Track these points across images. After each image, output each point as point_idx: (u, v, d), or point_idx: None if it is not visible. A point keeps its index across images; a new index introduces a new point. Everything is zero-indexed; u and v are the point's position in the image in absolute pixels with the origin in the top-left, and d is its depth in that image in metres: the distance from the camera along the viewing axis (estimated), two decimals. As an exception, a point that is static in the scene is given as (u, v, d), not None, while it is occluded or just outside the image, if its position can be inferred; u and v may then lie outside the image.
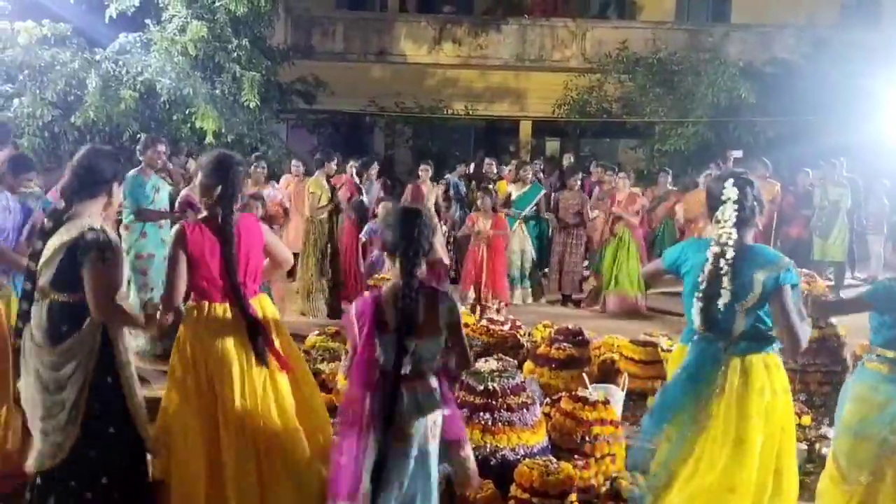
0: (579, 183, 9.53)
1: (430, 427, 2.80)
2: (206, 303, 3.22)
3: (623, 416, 4.79)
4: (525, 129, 17.58)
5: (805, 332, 2.98)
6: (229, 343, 3.18)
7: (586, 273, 9.78)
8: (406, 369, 2.72)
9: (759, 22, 16.10)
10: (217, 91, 10.70)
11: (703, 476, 2.97)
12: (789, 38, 15.12)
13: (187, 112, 10.21)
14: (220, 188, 3.21)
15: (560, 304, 9.16)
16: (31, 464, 3.04)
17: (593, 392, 4.49)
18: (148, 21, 10.37)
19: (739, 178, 3.03)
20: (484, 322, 6.32)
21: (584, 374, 5.13)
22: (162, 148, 6.25)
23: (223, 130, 10.46)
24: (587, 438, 4.12)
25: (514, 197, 9.12)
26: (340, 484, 2.76)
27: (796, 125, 13.28)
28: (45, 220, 3.05)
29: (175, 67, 9.98)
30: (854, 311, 3.71)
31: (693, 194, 8.86)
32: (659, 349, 5.69)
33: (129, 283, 5.89)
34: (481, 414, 4.00)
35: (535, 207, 9.13)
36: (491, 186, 8.87)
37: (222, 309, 3.22)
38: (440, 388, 2.85)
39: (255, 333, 3.20)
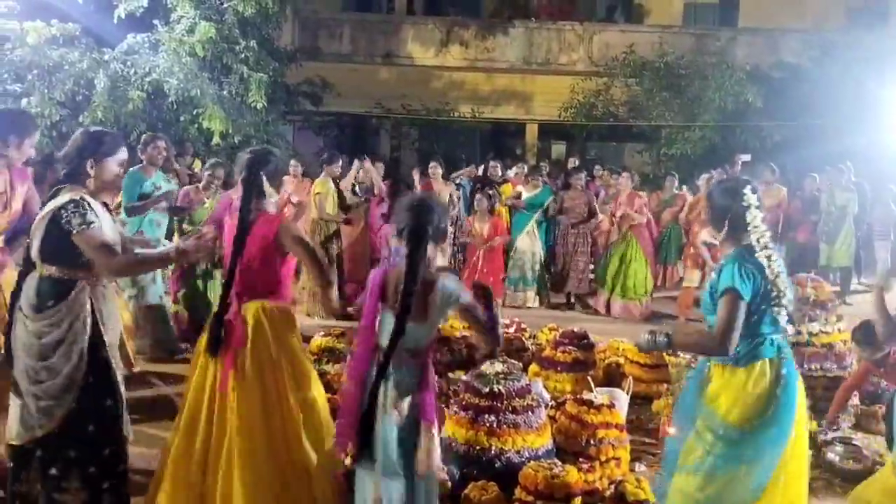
0: (583, 182, 9.54)
1: (397, 403, 2.84)
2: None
3: (628, 419, 4.78)
4: (531, 132, 17.59)
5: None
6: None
7: (592, 276, 9.77)
8: (398, 347, 2.80)
9: (767, 26, 16.09)
10: (224, 92, 10.75)
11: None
12: (796, 43, 15.11)
13: (195, 113, 10.25)
14: (244, 174, 3.29)
15: (565, 305, 9.16)
16: (17, 432, 3.08)
17: (598, 395, 4.49)
18: (156, 22, 10.42)
19: (754, 187, 3.03)
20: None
21: (589, 378, 5.13)
22: (162, 144, 6.22)
23: (230, 131, 10.49)
24: (592, 442, 4.12)
25: (524, 197, 9.16)
26: (338, 438, 2.96)
27: (803, 129, 13.26)
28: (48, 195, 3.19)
29: (183, 68, 10.02)
30: None
31: (697, 197, 8.89)
32: (664, 353, 5.68)
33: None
34: (486, 416, 4.00)
35: (543, 210, 9.15)
36: (492, 191, 8.86)
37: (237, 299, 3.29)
38: (424, 372, 2.91)
39: (217, 330, 3.22)
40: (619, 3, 18.77)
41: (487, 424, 3.98)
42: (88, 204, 3.05)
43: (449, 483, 3.72)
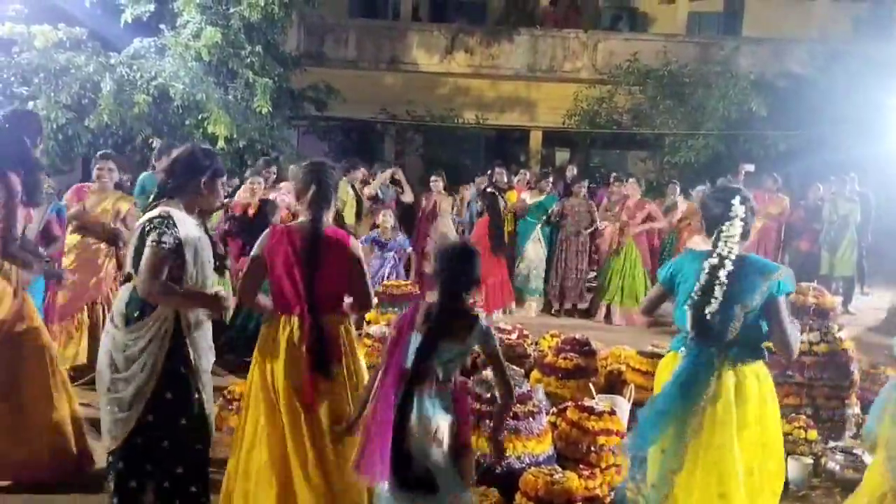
0: (584, 190, 9.55)
1: (434, 431, 2.84)
2: (282, 316, 3.17)
3: (629, 426, 4.78)
4: (535, 139, 17.61)
5: (797, 339, 3.13)
6: (295, 357, 3.13)
7: (594, 284, 9.78)
8: (425, 372, 2.83)
9: (771, 35, 16.10)
10: (230, 96, 10.78)
11: (703, 485, 3.02)
12: (801, 52, 15.11)
13: (200, 117, 10.28)
14: (312, 190, 3.18)
15: (566, 312, 9.16)
16: (105, 439, 3.14)
17: (599, 402, 4.49)
18: (162, 26, 10.47)
19: (744, 197, 3.13)
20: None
21: (590, 385, 5.13)
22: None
23: (235, 136, 10.52)
24: (593, 448, 4.12)
25: (529, 203, 9.17)
26: (369, 464, 2.87)
27: (808, 139, 13.26)
28: (140, 211, 3.24)
29: (189, 72, 10.06)
30: None
31: (691, 207, 8.90)
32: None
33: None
34: (487, 422, 4.00)
35: (546, 218, 9.16)
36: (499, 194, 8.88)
37: (296, 322, 3.14)
38: (453, 398, 2.92)
39: (318, 352, 3.12)
40: (623, 12, 18.83)
41: (488, 430, 3.98)
42: (174, 223, 3.02)
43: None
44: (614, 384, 5.60)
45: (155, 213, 3.05)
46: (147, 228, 3.01)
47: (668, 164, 14.46)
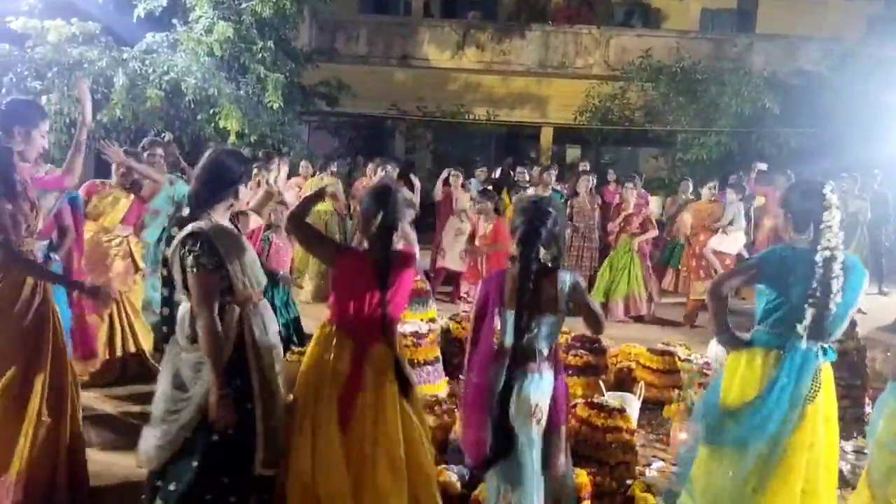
0: (589, 187, 9.47)
1: (534, 412, 2.88)
2: (340, 331, 3.14)
3: (638, 424, 4.77)
4: (546, 135, 17.58)
5: None
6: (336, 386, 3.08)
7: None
8: (524, 347, 2.87)
9: (785, 33, 15.99)
10: (241, 91, 10.82)
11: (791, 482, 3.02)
12: (815, 50, 15.00)
13: (211, 112, 10.32)
14: (380, 216, 3.10)
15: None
16: (146, 458, 2.99)
17: (609, 399, 4.48)
18: (175, 21, 10.51)
19: (833, 187, 3.09)
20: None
21: (600, 382, 5.12)
22: (160, 151, 6.03)
23: (246, 131, 10.57)
24: (602, 445, 4.11)
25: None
26: (467, 442, 2.99)
27: (820, 137, 13.17)
28: (172, 227, 3.04)
29: (201, 67, 10.10)
30: None
31: (700, 205, 8.80)
32: (676, 358, 5.66)
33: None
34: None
35: None
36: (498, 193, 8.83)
37: (356, 342, 3.11)
38: (551, 373, 2.97)
39: (401, 370, 3.12)
40: (636, 8, 18.74)
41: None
42: (210, 240, 2.88)
43: (459, 484, 3.73)
44: (624, 382, 5.60)
45: (188, 231, 2.89)
46: (182, 253, 2.87)
47: (680, 161, 14.40)
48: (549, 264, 2.97)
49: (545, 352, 2.94)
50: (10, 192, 3.18)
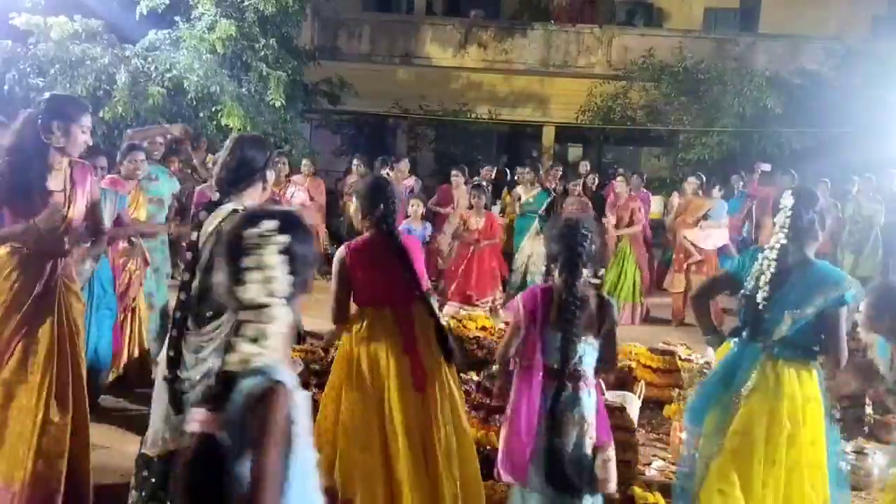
0: (579, 188, 9.38)
1: (585, 428, 2.94)
2: (371, 309, 3.34)
3: (639, 423, 4.77)
4: (548, 134, 17.55)
5: (846, 351, 3.12)
6: (394, 350, 3.25)
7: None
8: (570, 368, 2.91)
9: (788, 32, 15.96)
10: (243, 89, 10.81)
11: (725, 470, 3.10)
12: (818, 50, 14.97)
13: (214, 109, 10.31)
14: (381, 208, 3.34)
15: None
16: (152, 441, 3.02)
17: (610, 399, 4.48)
18: (177, 18, 10.50)
19: (801, 190, 3.17)
20: (501, 326, 6.31)
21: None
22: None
23: (248, 128, 10.54)
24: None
25: (522, 200, 9.06)
26: (508, 462, 3.01)
27: (823, 137, 13.15)
28: (200, 212, 3.05)
29: (203, 65, 10.09)
30: None
31: (684, 201, 8.83)
32: (677, 358, 5.66)
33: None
34: (498, 417, 4.00)
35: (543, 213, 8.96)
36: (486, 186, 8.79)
37: (389, 317, 3.31)
38: (595, 392, 3.02)
39: (444, 337, 3.31)
40: (638, 7, 18.72)
41: (498, 425, 3.98)
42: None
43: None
44: (625, 381, 5.59)
45: (227, 209, 2.94)
46: (225, 230, 2.89)
47: (682, 160, 14.38)
48: (593, 286, 3.05)
49: (591, 371, 3.00)
50: (31, 195, 3.22)
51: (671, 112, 14.63)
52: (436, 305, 5.48)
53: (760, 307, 3.06)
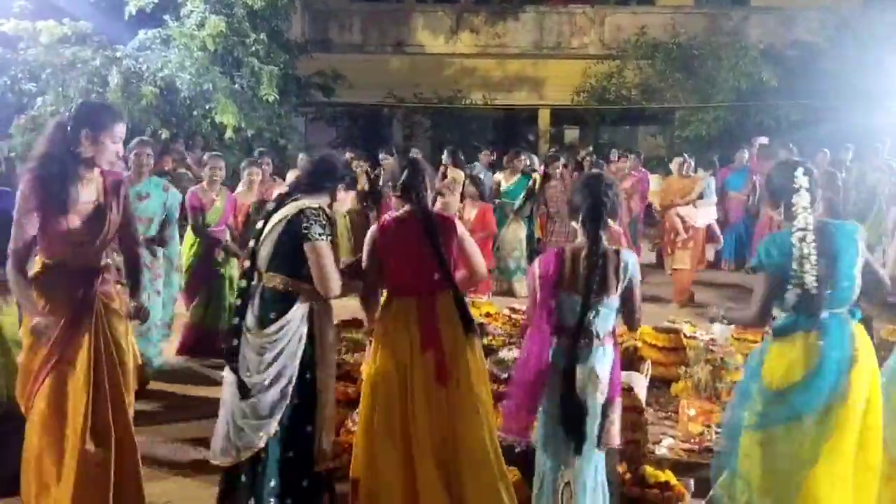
0: (559, 171, 8.96)
1: (598, 385, 2.92)
2: (396, 299, 3.26)
3: (646, 402, 4.77)
4: (544, 117, 17.51)
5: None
6: (417, 344, 3.17)
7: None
8: (585, 326, 2.89)
9: (780, 4, 15.87)
10: (236, 86, 10.78)
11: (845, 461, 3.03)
12: (811, 21, 14.89)
13: (207, 107, 10.29)
14: (416, 184, 3.24)
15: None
16: (221, 450, 3.01)
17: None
18: (166, 17, 10.46)
19: (807, 167, 3.08)
20: (506, 311, 6.30)
21: (615, 337, 5.11)
22: (148, 151, 5.40)
23: (243, 125, 10.52)
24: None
25: (503, 188, 8.84)
26: (512, 420, 3.04)
27: (819, 108, 13.11)
28: (270, 202, 3.12)
29: (194, 63, 10.06)
30: None
31: (671, 180, 8.80)
32: (682, 336, 5.66)
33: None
34: (505, 402, 4.00)
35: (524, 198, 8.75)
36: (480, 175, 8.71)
37: (412, 304, 3.21)
38: (610, 348, 3.00)
39: (468, 319, 3.23)
40: (629, -15, 18.58)
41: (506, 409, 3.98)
42: (329, 218, 3.05)
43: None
44: (631, 360, 5.58)
45: (307, 205, 3.00)
46: (304, 221, 2.95)
47: (679, 138, 14.36)
48: (613, 249, 2.98)
49: (609, 328, 2.98)
50: (62, 206, 3.05)
51: (666, 89, 14.60)
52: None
53: (816, 288, 2.96)
